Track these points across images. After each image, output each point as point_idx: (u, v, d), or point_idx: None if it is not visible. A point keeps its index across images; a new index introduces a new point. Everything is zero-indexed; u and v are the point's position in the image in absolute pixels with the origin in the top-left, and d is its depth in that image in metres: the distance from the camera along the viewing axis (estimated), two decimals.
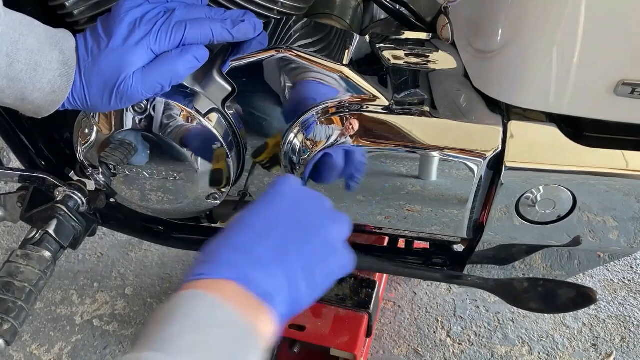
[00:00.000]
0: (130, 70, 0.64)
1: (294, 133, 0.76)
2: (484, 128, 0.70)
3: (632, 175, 0.70)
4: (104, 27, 0.65)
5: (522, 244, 0.83)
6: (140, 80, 0.64)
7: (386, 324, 1.47)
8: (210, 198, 0.80)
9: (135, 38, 0.64)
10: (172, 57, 0.65)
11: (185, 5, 0.67)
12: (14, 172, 0.86)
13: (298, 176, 0.77)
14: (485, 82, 0.71)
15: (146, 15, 0.65)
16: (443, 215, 0.78)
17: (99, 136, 0.75)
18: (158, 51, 0.65)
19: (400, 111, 0.72)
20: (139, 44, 0.64)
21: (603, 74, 0.62)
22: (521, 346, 1.42)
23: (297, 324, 1.11)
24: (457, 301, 1.52)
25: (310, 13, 0.85)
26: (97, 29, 0.65)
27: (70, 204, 0.81)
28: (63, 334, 1.47)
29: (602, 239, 0.79)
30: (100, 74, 0.64)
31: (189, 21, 0.65)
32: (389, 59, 0.77)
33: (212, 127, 0.74)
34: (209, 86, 0.75)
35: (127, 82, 0.64)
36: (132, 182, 0.80)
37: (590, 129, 0.70)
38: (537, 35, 0.62)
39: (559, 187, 0.72)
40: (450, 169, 0.72)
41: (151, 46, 0.64)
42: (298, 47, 0.72)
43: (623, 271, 1.59)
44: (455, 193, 0.74)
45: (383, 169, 0.74)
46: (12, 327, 0.70)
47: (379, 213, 0.79)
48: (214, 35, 0.66)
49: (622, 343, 1.43)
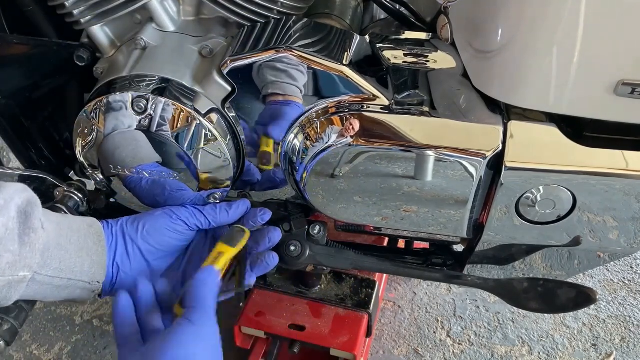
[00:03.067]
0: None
1: (293, 133, 0.76)
2: (484, 128, 0.70)
3: (632, 175, 0.70)
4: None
5: (522, 244, 0.83)
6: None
7: (386, 324, 1.47)
8: (210, 198, 0.80)
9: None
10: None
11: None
12: (14, 172, 0.86)
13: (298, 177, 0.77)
14: (485, 82, 0.71)
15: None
16: (442, 215, 0.78)
17: (99, 136, 0.75)
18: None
19: (400, 111, 0.72)
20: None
21: (603, 74, 0.62)
22: (521, 346, 1.42)
23: (297, 324, 1.11)
24: (457, 301, 1.52)
25: (310, 13, 0.85)
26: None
27: (70, 204, 0.81)
28: (63, 334, 1.47)
29: (602, 239, 0.78)
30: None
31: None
32: (389, 59, 0.77)
33: (212, 127, 0.74)
34: (209, 86, 0.75)
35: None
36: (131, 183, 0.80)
37: (590, 129, 0.70)
38: (537, 35, 0.62)
39: (559, 187, 0.72)
40: (450, 169, 0.72)
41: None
42: (298, 47, 0.72)
43: (623, 271, 1.59)
44: (455, 193, 0.74)
45: (381, 169, 0.74)
46: (12, 327, 0.70)
47: (377, 214, 0.79)
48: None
49: (622, 343, 1.43)
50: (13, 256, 0.59)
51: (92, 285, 0.69)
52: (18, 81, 0.86)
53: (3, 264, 0.58)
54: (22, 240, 0.60)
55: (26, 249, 0.60)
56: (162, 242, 0.75)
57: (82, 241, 0.68)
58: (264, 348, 1.20)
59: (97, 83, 0.78)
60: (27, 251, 0.60)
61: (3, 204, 0.59)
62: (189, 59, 0.77)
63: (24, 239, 0.60)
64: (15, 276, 0.60)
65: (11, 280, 0.60)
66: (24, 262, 0.60)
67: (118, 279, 0.72)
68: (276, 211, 0.84)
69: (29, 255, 0.60)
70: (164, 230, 0.75)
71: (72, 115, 0.78)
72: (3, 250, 0.58)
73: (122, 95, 0.72)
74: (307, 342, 1.10)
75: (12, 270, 0.59)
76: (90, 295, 0.71)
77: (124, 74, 0.75)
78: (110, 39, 0.81)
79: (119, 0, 0.76)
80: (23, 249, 0.60)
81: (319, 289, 1.16)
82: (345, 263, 0.86)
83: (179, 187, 0.77)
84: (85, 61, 0.81)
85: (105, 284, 0.71)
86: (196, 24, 0.80)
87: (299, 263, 0.84)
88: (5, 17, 0.84)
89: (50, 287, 0.65)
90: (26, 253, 0.60)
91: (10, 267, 0.59)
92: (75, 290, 0.68)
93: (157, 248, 0.75)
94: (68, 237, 0.66)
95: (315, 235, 0.85)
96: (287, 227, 0.84)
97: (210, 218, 0.78)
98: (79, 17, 0.78)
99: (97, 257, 0.69)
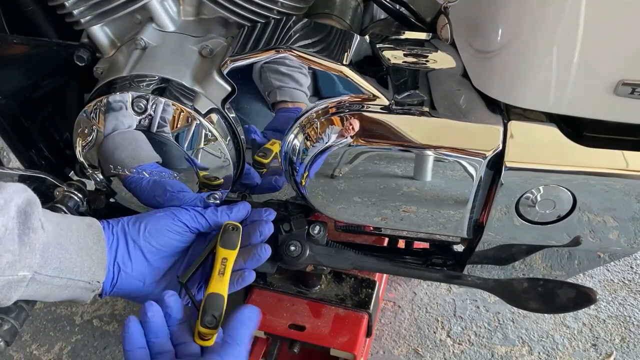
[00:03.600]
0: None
1: (293, 134, 0.76)
2: (484, 128, 0.70)
3: (632, 175, 0.70)
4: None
5: (522, 244, 0.83)
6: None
7: (386, 324, 1.47)
8: (210, 198, 0.80)
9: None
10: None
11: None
12: (14, 172, 0.86)
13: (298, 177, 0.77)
14: (485, 82, 0.71)
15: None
16: (443, 215, 0.78)
17: (99, 136, 0.75)
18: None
19: (400, 111, 0.72)
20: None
21: (603, 74, 0.62)
22: (521, 346, 1.42)
23: (297, 324, 1.11)
24: (457, 301, 1.52)
25: (310, 13, 0.85)
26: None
27: (70, 204, 0.81)
28: (63, 334, 1.47)
29: (602, 239, 0.78)
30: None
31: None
32: (389, 59, 0.77)
33: (212, 127, 0.74)
34: (209, 86, 0.75)
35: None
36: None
37: (590, 129, 0.70)
38: (537, 35, 0.62)
39: (559, 187, 0.72)
40: (450, 169, 0.72)
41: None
42: (298, 47, 0.72)
43: (623, 271, 1.59)
44: (455, 193, 0.74)
45: (381, 169, 0.74)
46: (12, 327, 0.70)
47: (377, 214, 0.79)
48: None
49: (622, 343, 1.43)
50: (13, 256, 0.59)
51: (92, 284, 0.69)
52: (18, 81, 0.86)
53: (3, 264, 0.58)
54: (22, 240, 0.60)
55: (26, 249, 0.60)
56: (164, 242, 0.75)
57: (81, 241, 0.68)
58: (264, 348, 1.20)
59: (97, 83, 0.78)
60: (27, 251, 0.60)
61: (3, 204, 0.59)
62: (189, 59, 0.77)
63: (24, 238, 0.60)
64: (14, 276, 0.60)
65: (11, 279, 0.60)
66: (24, 262, 0.60)
67: (119, 279, 0.72)
68: (276, 211, 0.84)
69: (29, 255, 0.61)
70: (166, 231, 0.75)
71: (72, 115, 0.78)
72: (3, 250, 0.58)
73: (122, 95, 0.72)
74: (307, 342, 1.10)
75: (12, 270, 0.59)
76: (91, 295, 0.71)
77: (124, 74, 0.75)
78: (110, 39, 0.81)
79: (119, 0, 0.76)
80: (23, 249, 0.60)
81: (319, 289, 1.16)
82: (345, 263, 0.86)
83: (180, 188, 0.77)
84: (85, 61, 0.81)
85: (106, 283, 0.71)
86: (196, 24, 0.80)
87: (299, 263, 0.84)
88: (5, 17, 0.84)
89: (50, 287, 0.65)
90: (26, 253, 0.60)
91: (10, 266, 0.59)
92: (75, 290, 0.68)
93: (158, 248, 0.75)
94: (68, 236, 0.67)
95: (315, 235, 0.85)
96: (287, 227, 0.84)
97: (212, 221, 0.78)
98: (79, 17, 0.78)
99: (97, 256, 0.69)
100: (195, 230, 0.77)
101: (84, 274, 0.68)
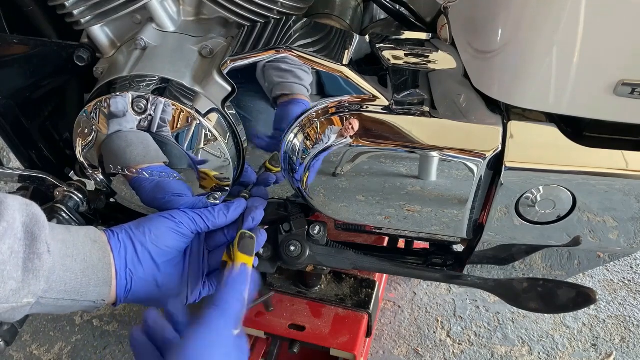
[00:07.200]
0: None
1: (293, 133, 0.76)
2: (484, 128, 0.70)
3: (632, 175, 0.70)
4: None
5: (522, 244, 0.83)
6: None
7: (386, 324, 1.47)
8: (210, 198, 0.80)
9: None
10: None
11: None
12: (14, 172, 0.86)
13: (298, 177, 0.77)
14: (485, 82, 0.71)
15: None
16: (443, 215, 0.78)
17: (99, 136, 0.75)
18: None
19: (400, 111, 0.72)
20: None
21: (603, 74, 0.62)
22: (521, 346, 1.42)
23: (297, 324, 1.11)
24: (457, 301, 1.52)
25: (310, 13, 0.85)
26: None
27: (70, 204, 0.81)
28: (63, 334, 1.47)
29: (602, 239, 0.79)
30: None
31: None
32: (388, 59, 0.77)
33: (212, 127, 0.74)
34: (209, 86, 0.75)
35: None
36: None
37: (590, 129, 0.70)
38: (537, 35, 0.62)
39: (559, 187, 0.72)
40: (450, 169, 0.72)
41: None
42: (298, 47, 0.72)
43: (623, 271, 1.60)
44: (455, 193, 0.74)
45: (382, 169, 0.74)
46: (12, 327, 0.70)
47: (378, 213, 0.79)
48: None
49: (622, 343, 1.43)
50: (17, 283, 0.58)
51: (97, 303, 0.69)
52: (18, 81, 0.86)
53: (7, 291, 0.57)
54: (26, 266, 0.59)
55: (30, 276, 0.59)
56: (169, 244, 0.75)
57: (87, 259, 0.67)
58: (264, 348, 1.20)
59: (97, 83, 0.78)
60: (31, 278, 0.59)
61: (7, 226, 0.57)
62: (189, 59, 0.77)
63: (28, 265, 0.59)
64: (19, 303, 0.59)
65: (15, 306, 0.59)
66: (28, 289, 0.59)
67: (133, 285, 0.72)
68: (276, 211, 0.84)
69: (33, 282, 0.59)
70: (170, 233, 0.75)
71: (72, 115, 0.78)
72: (7, 277, 0.57)
73: (122, 95, 0.72)
74: (307, 342, 1.10)
75: (16, 297, 0.58)
76: (94, 309, 0.71)
77: (124, 74, 0.75)
78: (110, 39, 0.81)
79: (119, 1, 0.76)
80: (27, 276, 0.59)
81: (319, 289, 1.16)
82: (345, 263, 0.86)
83: (181, 190, 0.78)
84: (85, 61, 0.81)
85: (120, 291, 0.71)
86: (196, 24, 0.80)
87: (299, 263, 0.84)
88: (5, 17, 0.84)
89: (54, 307, 0.65)
90: (30, 280, 0.59)
91: (14, 294, 0.58)
92: (80, 307, 0.68)
93: (165, 250, 0.74)
94: (74, 256, 0.65)
95: (315, 235, 0.85)
96: (287, 227, 0.84)
97: (209, 222, 0.78)
98: (79, 17, 0.78)
99: (103, 274, 0.68)
100: (195, 231, 0.77)
101: (89, 294, 0.67)
